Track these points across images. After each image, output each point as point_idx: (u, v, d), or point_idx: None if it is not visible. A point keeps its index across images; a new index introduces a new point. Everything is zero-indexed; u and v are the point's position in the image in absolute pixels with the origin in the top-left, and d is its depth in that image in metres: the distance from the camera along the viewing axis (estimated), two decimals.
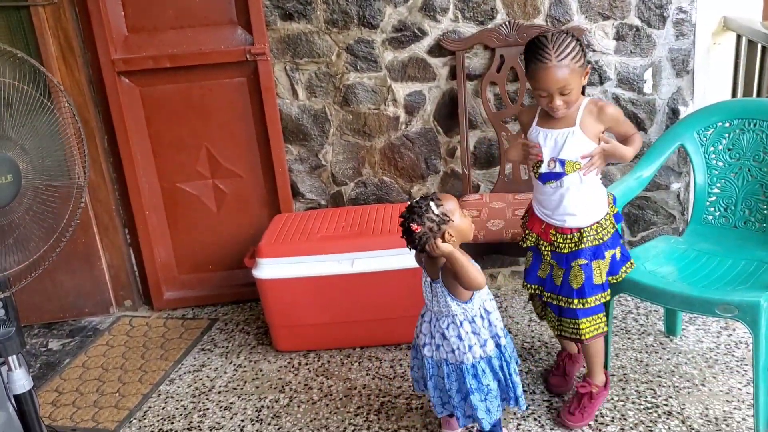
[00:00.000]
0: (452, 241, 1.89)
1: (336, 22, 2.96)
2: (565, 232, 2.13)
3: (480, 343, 1.98)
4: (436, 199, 1.90)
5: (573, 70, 1.95)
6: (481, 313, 2.00)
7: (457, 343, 1.98)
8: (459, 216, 1.91)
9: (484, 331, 1.99)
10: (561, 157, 2.05)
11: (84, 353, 3.04)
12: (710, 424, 2.21)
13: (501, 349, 2.02)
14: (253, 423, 2.46)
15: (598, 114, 2.05)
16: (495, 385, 2.02)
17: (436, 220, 1.87)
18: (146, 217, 3.23)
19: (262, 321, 3.15)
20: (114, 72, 3.03)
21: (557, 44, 1.94)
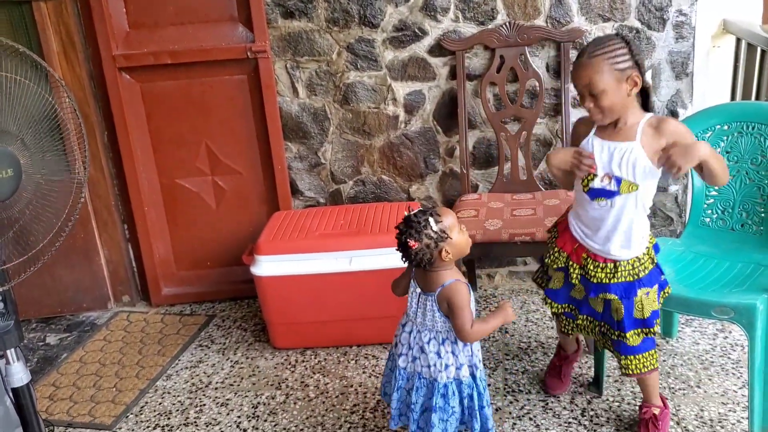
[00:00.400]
0: (448, 258, 1.85)
1: (337, 21, 2.97)
2: (598, 259, 1.99)
3: (456, 365, 1.92)
4: (436, 214, 1.84)
5: (605, 71, 1.81)
6: (453, 339, 1.93)
7: (435, 360, 1.92)
8: (457, 232, 1.87)
9: (462, 355, 1.93)
10: (618, 175, 1.89)
11: (81, 348, 3.05)
12: (705, 426, 2.22)
13: (476, 380, 1.95)
14: (249, 419, 2.46)
15: (657, 126, 1.88)
16: (459, 409, 1.96)
17: (434, 236, 1.82)
18: (145, 213, 3.24)
19: (259, 318, 3.16)
20: (115, 68, 3.04)
21: (597, 42, 1.85)
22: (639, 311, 1.96)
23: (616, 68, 1.82)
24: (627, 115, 1.89)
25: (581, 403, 2.38)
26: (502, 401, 2.42)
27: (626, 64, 1.83)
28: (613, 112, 1.87)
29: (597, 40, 1.87)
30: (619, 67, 1.82)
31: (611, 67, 1.82)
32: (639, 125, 1.89)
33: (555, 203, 2.76)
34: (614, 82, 1.83)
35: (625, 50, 1.83)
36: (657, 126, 1.88)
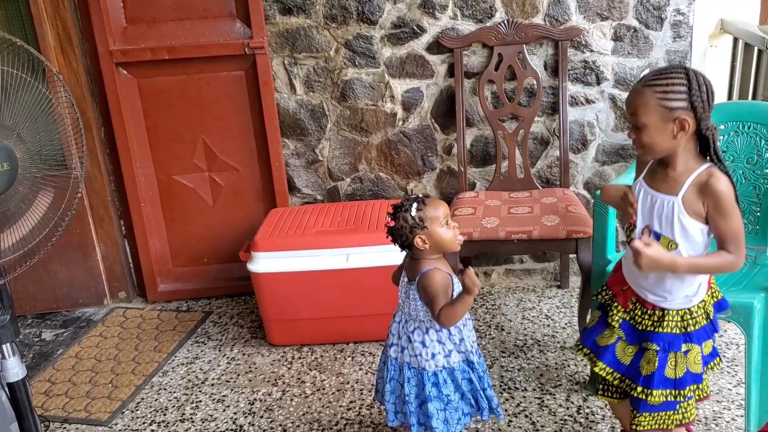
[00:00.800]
0: (425, 247, 1.86)
1: (335, 18, 2.96)
2: (646, 305, 1.79)
3: (444, 353, 1.92)
4: (420, 202, 1.87)
5: (650, 104, 1.61)
6: (437, 328, 1.93)
7: (420, 349, 1.92)
8: (439, 226, 1.86)
9: (449, 342, 1.93)
10: (656, 230, 1.72)
11: (77, 344, 3.04)
12: (700, 424, 2.23)
13: (472, 365, 1.95)
14: (246, 416, 2.46)
15: (705, 183, 1.64)
16: (456, 397, 1.95)
17: (409, 222, 1.85)
18: (142, 209, 3.23)
19: (256, 315, 3.16)
20: (112, 63, 3.03)
21: (657, 71, 1.65)
22: (672, 369, 1.75)
23: (663, 104, 1.61)
24: (677, 161, 1.67)
25: (577, 401, 2.38)
26: (498, 398, 2.42)
27: (678, 104, 1.60)
28: (654, 151, 1.67)
29: (659, 69, 1.66)
30: (667, 105, 1.60)
31: (658, 101, 1.61)
32: (688, 178, 1.66)
33: (552, 201, 2.76)
34: (658, 119, 1.62)
35: (683, 87, 1.60)
36: (705, 182, 1.64)
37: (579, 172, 3.10)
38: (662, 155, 1.68)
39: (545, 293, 3.16)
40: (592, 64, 2.94)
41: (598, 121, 3.03)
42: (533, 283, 3.25)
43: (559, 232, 2.53)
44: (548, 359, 2.64)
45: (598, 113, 3.01)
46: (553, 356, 2.66)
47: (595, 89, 2.98)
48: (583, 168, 3.10)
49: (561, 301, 3.08)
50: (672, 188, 1.68)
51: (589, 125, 3.03)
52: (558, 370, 2.57)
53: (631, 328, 1.82)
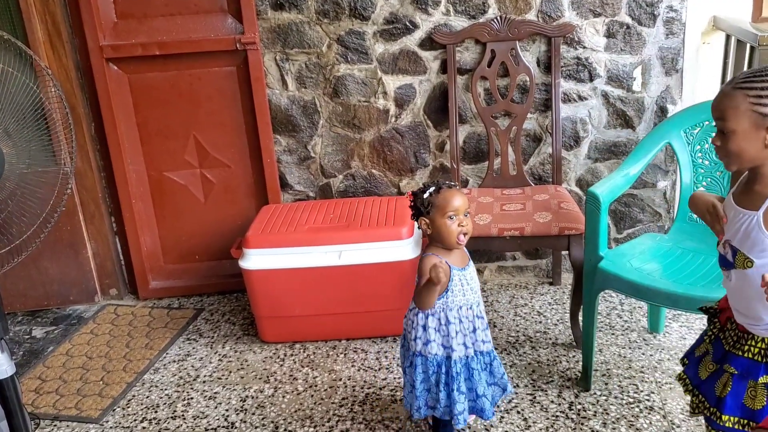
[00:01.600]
0: (426, 232, 1.95)
1: (327, 13, 2.95)
2: (738, 326, 1.64)
3: (424, 340, 1.98)
4: (439, 188, 1.92)
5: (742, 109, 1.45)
6: (439, 316, 1.98)
7: (410, 327, 2.03)
8: (442, 216, 1.91)
9: (433, 331, 1.98)
10: (735, 245, 1.57)
11: (68, 341, 3.03)
12: (691, 420, 2.23)
13: (450, 361, 1.99)
14: (238, 413, 2.45)
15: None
16: (420, 387, 2.02)
17: (419, 202, 1.92)
18: (133, 205, 3.22)
19: (248, 312, 3.15)
20: (102, 58, 3.01)
21: (751, 72, 1.50)
22: (750, 399, 1.59)
23: (756, 110, 1.45)
24: (764, 173, 1.52)
25: (569, 397, 2.39)
26: None
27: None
28: (740, 161, 1.52)
29: (753, 70, 1.50)
30: (761, 110, 1.45)
31: (751, 106, 1.45)
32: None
33: (544, 198, 2.76)
34: (750, 125, 1.47)
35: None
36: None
37: (571, 169, 3.10)
38: (749, 166, 1.54)
39: (537, 290, 3.16)
40: (584, 61, 2.94)
41: (591, 118, 3.02)
42: (525, 280, 3.25)
43: (552, 229, 2.53)
44: (540, 356, 2.64)
45: (591, 110, 3.01)
46: (545, 353, 2.66)
47: (588, 86, 2.98)
48: (575, 165, 3.10)
49: (553, 297, 3.08)
50: (754, 202, 1.53)
51: (581, 122, 3.03)
52: (550, 366, 2.57)
53: (720, 345, 1.69)
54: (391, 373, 2.61)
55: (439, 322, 1.98)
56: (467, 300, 1.98)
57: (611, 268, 2.25)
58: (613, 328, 2.79)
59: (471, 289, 1.99)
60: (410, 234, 2.71)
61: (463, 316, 1.98)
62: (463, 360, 1.99)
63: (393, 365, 2.65)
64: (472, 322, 2.00)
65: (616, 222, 3.16)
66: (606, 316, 2.87)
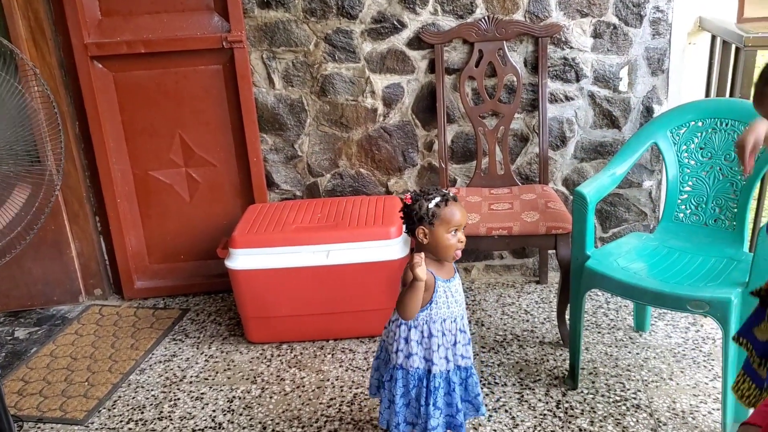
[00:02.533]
0: (423, 241, 1.87)
1: (314, 12, 2.94)
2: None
3: (405, 352, 1.93)
4: (444, 199, 1.86)
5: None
6: (422, 328, 1.92)
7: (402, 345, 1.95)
8: (446, 230, 1.86)
9: (415, 344, 1.92)
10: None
11: (52, 342, 2.99)
12: (677, 418, 2.25)
13: (429, 375, 1.94)
14: (225, 413, 2.44)
15: None
16: (400, 402, 1.96)
17: (422, 211, 1.85)
18: (117, 205, 3.19)
19: (234, 312, 3.13)
20: (87, 56, 2.98)
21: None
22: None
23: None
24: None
25: (556, 396, 2.39)
26: None
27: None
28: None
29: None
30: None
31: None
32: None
33: (531, 197, 2.77)
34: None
35: None
36: None
37: (558, 169, 3.11)
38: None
39: (524, 289, 3.17)
40: (571, 61, 2.95)
41: (577, 118, 3.04)
42: (513, 279, 3.26)
43: (539, 228, 2.54)
44: (528, 354, 2.65)
45: (577, 110, 3.03)
46: (532, 351, 2.67)
47: (575, 86, 2.99)
48: (562, 165, 3.11)
49: (540, 296, 3.09)
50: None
51: (568, 122, 3.04)
52: (537, 365, 2.58)
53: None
54: None
55: (422, 335, 1.92)
56: (451, 312, 1.93)
57: (598, 267, 2.26)
58: (599, 327, 2.80)
59: (455, 302, 1.95)
60: (398, 233, 2.71)
61: (446, 329, 1.93)
62: (444, 374, 1.94)
63: None
64: (455, 335, 1.95)
65: (602, 221, 3.18)
66: (592, 315, 2.89)
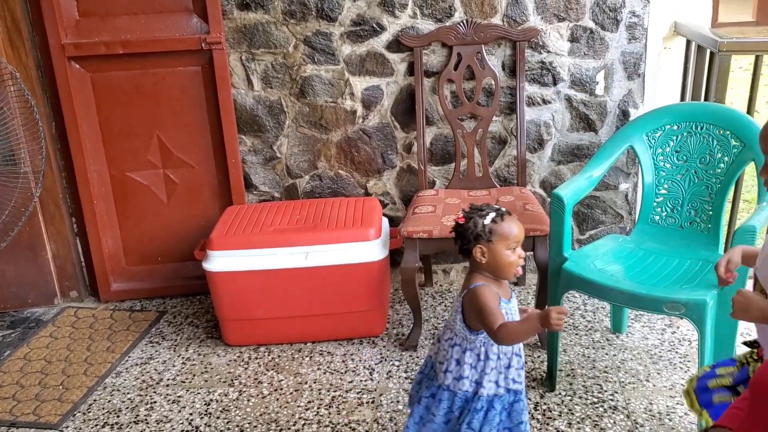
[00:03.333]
0: (482, 261, 1.76)
1: (294, 14, 2.93)
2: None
3: (455, 374, 1.82)
4: (500, 216, 1.76)
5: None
6: (479, 351, 1.80)
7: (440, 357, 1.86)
8: (505, 247, 1.75)
9: (467, 366, 1.80)
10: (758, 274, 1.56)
11: (26, 345, 2.95)
12: (654, 419, 2.27)
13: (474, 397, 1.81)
14: (202, 416, 2.42)
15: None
16: (440, 420, 1.84)
17: (478, 227, 1.75)
18: (94, 206, 3.15)
19: (211, 314, 3.11)
20: (64, 57, 2.95)
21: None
22: None
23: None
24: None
25: (534, 398, 2.41)
26: None
27: None
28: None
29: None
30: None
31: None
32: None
33: (510, 199, 2.78)
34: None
35: None
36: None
37: (535, 171, 3.13)
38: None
39: None
40: (548, 65, 2.98)
41: (554, 122, 3.06)
42: None
43: None
44: None
45: (554, 113, 3.05)
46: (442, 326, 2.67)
47: (552, 90, 3.01)
48: (539, 167, 3.13)
49: (518, 298, 3.10)
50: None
51: (545, 125, 3.06)
52: None
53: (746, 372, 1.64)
54: (357, 375, 2.60)
55: (477, 358, 1.80)
56: None
57: (575, 269, 2.28)
58: (576, 329, 2.82)
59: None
60: (377, 235, 2.71)
61: (502, 352, 1.80)
62: (490, 398, 1.81)
63: (359, 368, 2.65)
64: (509, 358, 1.81)
65: (579, 223, 3.21)
66: (570, 317, 2.91)
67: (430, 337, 2.81)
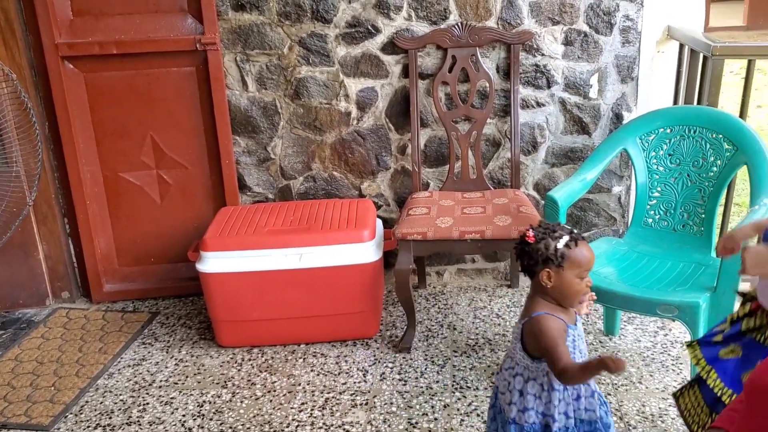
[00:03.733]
0: (548, 285, 1.66)
1: (289, 15, 2.94)
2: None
3: (519, 406, 1.72)
4: (575, 241, 1.65)
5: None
6: (542, 381, 1.70)
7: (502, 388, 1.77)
8: (575, 275, 1.64)
9: (530, 397, 1.70)
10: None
11: (17, 346, 2.94)
12: (647, 421, 2.28)
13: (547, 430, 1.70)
14: (195, 418, 2.41)
15: None
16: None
17: (549, 250, 1.64)
18: (87, 206, 3.14)
19: (204, 316, 3.10)
20: (57, 56, 2.94)
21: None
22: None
23: None
24: None
25: None
26: (451, 398, 2.44)
27: None
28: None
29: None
30: None
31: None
32: None
33: (504, 202, 2.79)
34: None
35: None
36: None
37: (529, 174, 3.14)
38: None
39: (496, 292, 3.19)
40: (543, 68, 2.99)
41: (548, 124, 3.07)
42: (484, 283, 3.28)
43: (511, 232, 2.56)
44: (499, 358, 2.67)
45: (548, 116, 3.06)
46: (503, 355, 2.68)
47: (546, 93, 3.02)
48: (533, 170, 3.14)
49: (511, 300, 3.11)
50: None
51: (539, 128, 3.07)
52: None
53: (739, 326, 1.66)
54: (351, 377, 2.60)
55: (541, 388, 1.69)
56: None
57: None
58: None
59: (580, 351, 1.71)
60: (372, 236, 2.71)
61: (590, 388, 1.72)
62: (563, 431, 1.71)
63: (353, 369, 2.65)
64: (577, 389, 1.71)
65: (573, 226, 3.21)
66: None
67: (424, 339, 2.81)
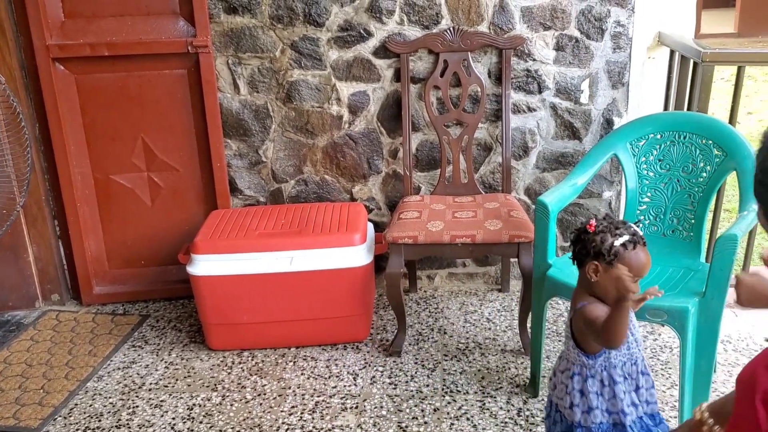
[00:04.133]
0: (593, 279, 1.63)
1: (281, 18, 2.94)
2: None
3: (583, 407, 1.67)
4: (636, 242, 1.61)
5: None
6: (601, 377, 1.68)
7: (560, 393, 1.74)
8: (620, 275, 1.57)
9: (593, 396, 1.66)
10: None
11: (6, 348, 2.92)
12: None
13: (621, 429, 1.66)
14: (185, 421, 2.41)
15: None
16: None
17: (605, 244, 1.60)
18: (77, 208, 3.13)
19: (195, 318, 3.09)
20: (48, 58, 2.93)
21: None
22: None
23: None
24: None
25: (517, 404, 2.41)
26: (441, 402, 2.44)
27: None
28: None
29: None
30: None
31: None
32: None
33: (495, 206, 2.80)
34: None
35: None
36: None
37: (520, 178, 3.15)
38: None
39: (487, 297, 3.20)
40: (534, 73, 3.00)
41: (539, 129, 3.08)
42: (475, 287, 3.29)
43: (502, 237, 2.56)
44: (489, 362, 2.67)
45: (539, 121, 3.07)
46: (494, 359, 2.69)
47: (537, 98, 3.04)
48: (524, 174, 3.15)
49: (502, 304, 3.12)
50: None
51: (530, 133, 3.08)
52: (499, 373, 2.60)
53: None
54: (341, 380, 2.60)
55: (602, 384, 1.67)
56: (632, 354, 1.70)
57: (559, 275, 2.29)
58: (560, 335, 2.84)
59: (635, 341, 1.69)
60: (362, 240, 2.71)
61: (626, 373, 1.69)
62: (639, 423, 1.67)
63: (343, 373, 2.64)
64: (636, 379, 1.70)
65: (563, 231, 3.23)
66: (553, 323, 2.92)
67: (414, 343, 2.82)
